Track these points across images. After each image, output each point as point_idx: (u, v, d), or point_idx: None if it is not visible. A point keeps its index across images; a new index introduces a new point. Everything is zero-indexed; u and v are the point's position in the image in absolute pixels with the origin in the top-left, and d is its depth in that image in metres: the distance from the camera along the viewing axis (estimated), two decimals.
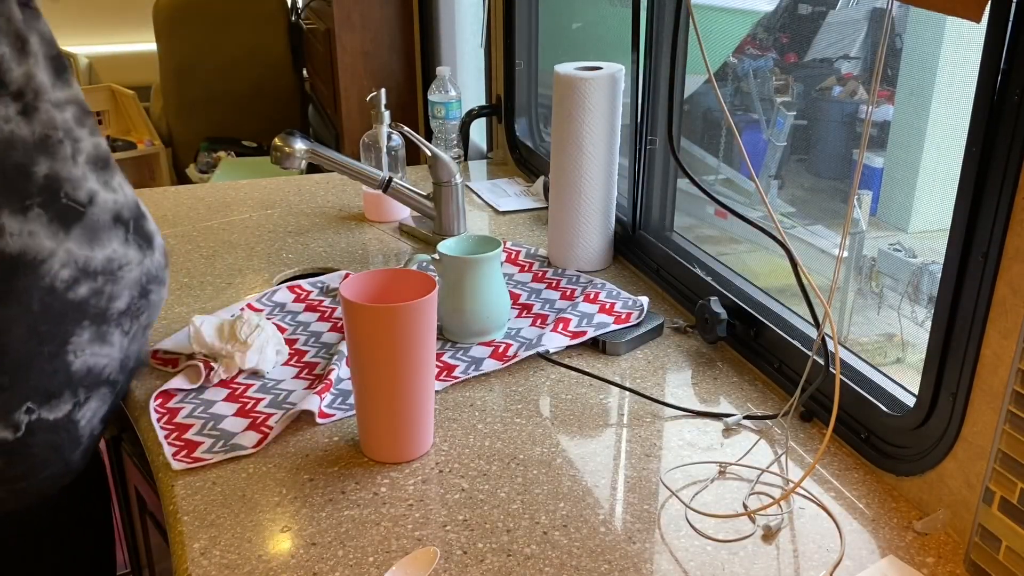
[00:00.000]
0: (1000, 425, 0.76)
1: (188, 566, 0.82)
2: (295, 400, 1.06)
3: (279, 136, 1.43)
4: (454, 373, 1.12)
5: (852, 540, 0.86)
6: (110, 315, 0.95)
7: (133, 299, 0.98)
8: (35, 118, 0.89)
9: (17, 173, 0.87)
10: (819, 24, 2.08)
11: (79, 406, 0.95)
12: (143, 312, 1.00)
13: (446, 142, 1.96)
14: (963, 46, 1.54)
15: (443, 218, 1.54)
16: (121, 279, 0.96)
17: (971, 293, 0.80)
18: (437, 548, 0.83)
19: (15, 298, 0.88)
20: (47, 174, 0.90)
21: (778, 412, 1.05)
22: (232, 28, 3.64)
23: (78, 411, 0.96)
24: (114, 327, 0.96)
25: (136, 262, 0.98)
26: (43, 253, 0.89)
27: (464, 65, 2.40)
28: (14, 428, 0.90)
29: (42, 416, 0.92)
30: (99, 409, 0.99)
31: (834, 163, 2.13)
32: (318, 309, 1.30)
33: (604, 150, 1.36)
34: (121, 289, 0.96)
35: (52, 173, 0.90)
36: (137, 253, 0.98)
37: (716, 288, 1.23)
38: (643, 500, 0.91)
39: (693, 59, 1.28)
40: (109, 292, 0.95)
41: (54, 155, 0.90)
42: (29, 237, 0.88)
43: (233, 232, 1.60)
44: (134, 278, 0.98)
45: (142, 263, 0.99)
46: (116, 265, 0.95)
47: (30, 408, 0.91)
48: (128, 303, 0.97)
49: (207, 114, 3.72)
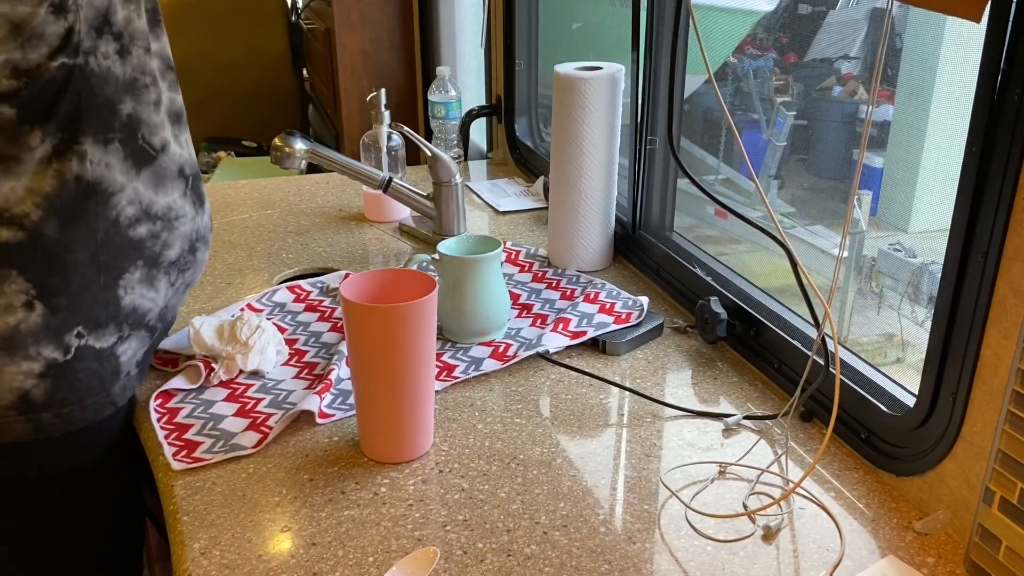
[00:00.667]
0: (1000, 425, 0.76)
1: (188, 566, 0.82)
2: (295, 400, 1.06)
3: (279, 136, 1.43)
4: (454, 373, 1.12)
5: (852, 540, 0.86)
6: (162, 261, 1.02)
7: (183, 252, 1.04)
8: (128, 60, 0.95)
9: (107, 106, 0.94)
10: (819, 24, 2.08)
11: (122, 340, 1.00)
12: (189, 268, 1.07)
13: (446, 142, 1.96)
14: (963, 46, 1.54)
15: (443, 218, 1.54)
16: (176, 229, 1.02)
17: (971, 293, 0.80)
18: (437, 548, 0.83)
19: (85, 222, 0.94)
20: (130, 113, 0.96)
21: (778, 412, 1.05)
22: (232, 28, 3.64)
23: (120, 345, 1.00)
24: (163, 274, 1.03)
25: (190, 217, 1.04)
26: (115, 186, 0.95)
27: (464, 65, 2.40)
28: (64, 350, 0.95)
29: (89, 343, 0.97)
30: (138, 350, 1.03)
31: (834, 163, 2.13)
32: (318, 309, 1.30)
33: (604, 150, 1.36)
34: (175, 239, 1.02)
35: (135, 114, 0.97)
36: (192, 209, 1.05)
37: (716, 288, 1.23)
38: (643, 500, 0.91)
39: (693, 59, 1.28)
40: (165, 239, 1.01)
41: (139, 98, 0.97)
42: (106, 168, 0.94)
43: (233, 232, 1.60)
44: (186, 232, 1.04)
45: (194, 219, 1.05)
46: (174, 215, 1.02)
47: (80, 332, 0.96)
48: (178, 254, 1.04)
49: (207, 114, 3.72)
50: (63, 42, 0.89)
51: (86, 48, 0.91)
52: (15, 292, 0.92)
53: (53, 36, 0.88)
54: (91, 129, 0.93)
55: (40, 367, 0.94)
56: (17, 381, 0.93)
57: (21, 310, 0.92)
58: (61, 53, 0.89)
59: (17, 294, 0.92)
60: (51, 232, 0.92)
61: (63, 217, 0.92)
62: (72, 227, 0.93)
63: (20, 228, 0.91)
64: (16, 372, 0.93)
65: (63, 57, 0.89)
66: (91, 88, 0.92)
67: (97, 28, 0.92)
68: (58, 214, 0.92)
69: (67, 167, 0.92)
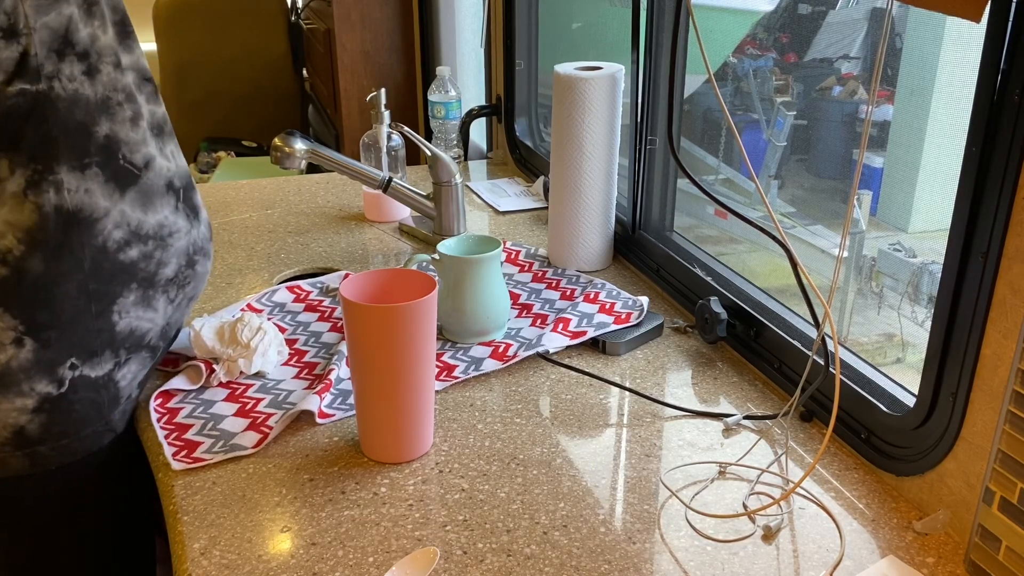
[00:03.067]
0: (1000, 425, 0.76)
1: (188, 566, 0.82)
2: (295, 400, 1.06)
3: (279, 136, 1.43)
4: (454, 373, 1.12)
5: (852, 540, 0.86)
6: (158, 281, 0.99)
7: (180, 268, 1.02)
8: (98, 79, 0.92)
9: (79, 131, 0.91)
10: (819, 24, 2.08)
11: (119, 366, 0.98)
12: (189, 282, 1.04)
13: (446, 142, 1.96)
14: (963, 46, 1.53)
15: (443, 218, 1.54)
16: (170, 246, 1.00)
17: (971, 293, 0.80)
18: (437, 548, 0.83)
19: (69, 253, 0.91)
20: (107, 134, 0.93)
21: (778, 412, 1.05)
22: (232, 28, 3.64)
23: (118, 371, 0.98)
24: (160, 293, 1.00)
25: (184, 231, 1.02)
26: (98, 212, 0.92)
27: (464, 65, 2.40)
28: (58, 383, 0.93)
29: (84, 373, 0.95)
30: (139, 372, 1.02)
31: (834, 163, 2.13)
32: (318, 309, 1.30)
33: (604, 150, 1.36)
34: (170, 256, 1.00)
35: (112, 134, 0.94)
36: (185, 222, 1.02)
37: (716, 288, 1.23)
38: (643, 500, 0.91)
39: (693, 59, 1.27)
40: (159, 258, 0.98)
41: (114, 117, 0.94)
42: (86, 195, 0.91)
43: (233, 232, 1.60)
44: (182, 247, 1.01)
45: (189, 232, 1.03)
46: (167, 232, 0.99)
47: (74, 364, 0.94)
48: (176, 271, 1.01)
49: (207, 114, 3.72)
50: (19, 67, 0.85)
51: (48, 72, 0.87)
52: (3, 329, 0.89)
53: (7, 62, 0.85)
54: (65, 156, 0.89)
55: (34, 402, 0.92)
56: (11, 417, 0.92)
57: (11, 347, 0.90)
58: (18, 79, 0.86)
59: (5, 331, 0.89)
60: (36, 266, 0.89)
61: (47, 250, 0.90)
62: (57, 259, 0.90)
63: (3, 264, 0.88)
64: (10, 409, 0.91)
65: (22, 83, 0.86)
66: (59, 114, 0.89)
67: (58, 51, 0.88)
68: (41, 248, 0.89)
69: (44, 199, 0.89)
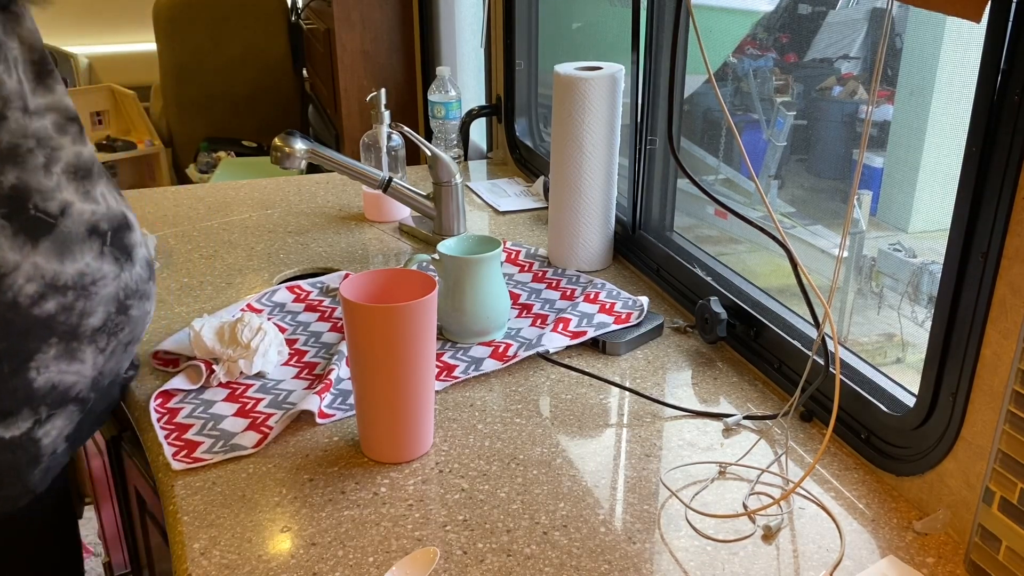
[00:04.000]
0: (1000, 425, 0.76)
1: (188, 566, 0.82)
2: (295, 400, 1.06)
3: (279, 136, 1.43)
4: (454, 373, 1.12)
5: (852, 540, 0.86)
6: (82, 332, 0.91)
7: (110, 315, 0.93)
8: (3, 127, 0.85)
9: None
10: (819, 24, 2.08)
11: (40, 424, 0.91)
12: (123, 328, 0.96)
13: (446, 142, 1.96)
14: (963, 46, 1.53)
15: (443, 218, 1.54)
16: (95, 295, 0.91)
17: (971, 293, 0.80)
18: (437, 548, 0.83)
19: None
20: (14, 184, 0.85)
21: (778, 412, 1.05)
22: (232, 28, 3.64)
23: (39, 429, 0.91)
24: (86, 344, 0.92)
25: (112, 276, 0.93)
26: (6, 266, 0.85)
27: (464, 65, 2.40)
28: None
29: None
30: (64, 427, 0.94)
31: (834, 163, 2.13)
32: (318, 309, 1.30)
33: (604, 150, 1.36)
34: (95, 305, 0.91)
35: (20, 183, 0.86)
36: (113, 267, 0.93)
37: (716, 288, 1.23)
38: (643, 500, 0.91)
39: (693, 59, 1.27)
40: (81, 308, 0.90)
41: (23, 165, 0.86)
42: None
43: (233, 232, 1.60)
44: (110, 293, 0.93)
45: (119, 277, 0.94)
46: (89, 280, 0.91)
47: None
48: (104, 319, 0.93)
49: (207, 114, 3.72)
50: None
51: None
52: None
53: None
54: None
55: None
56: None
57: None
58: None
59: None
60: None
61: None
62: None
63: None
64: None
65: None
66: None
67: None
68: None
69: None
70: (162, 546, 1.20)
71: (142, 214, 1.24)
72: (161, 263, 1.45)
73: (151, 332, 1.23)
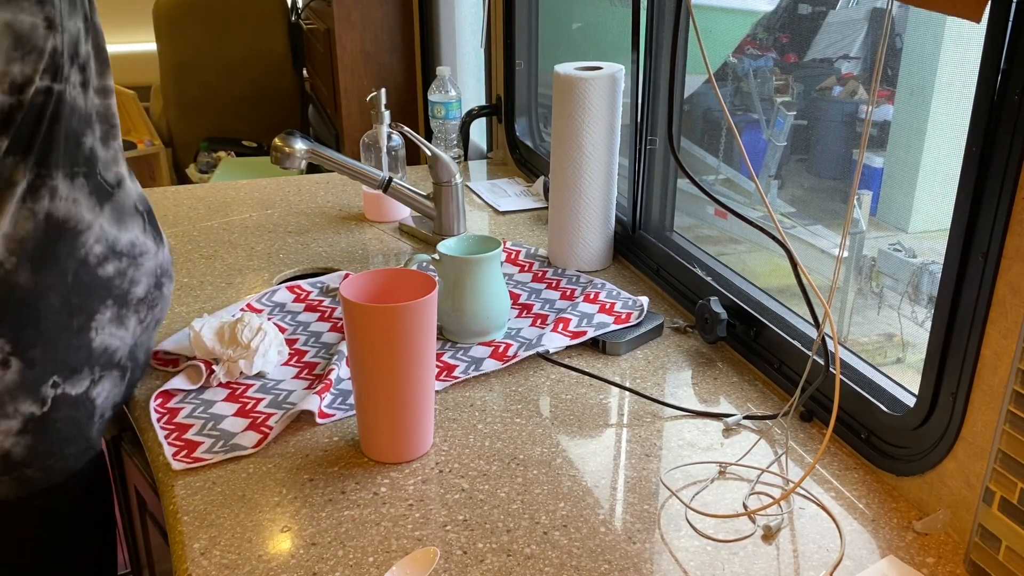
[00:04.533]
0: (1000, 425, 0.76)
1: (188, 566, 0.82)
2: (295, 400, 1.06)
3: (279, 136, 1.43)
4: (454, 373, 1.12)
5: (852, 540, 0.86)
6: (130, 299, 0.99)
7: (150, 288, 1.02)
8: (87, 94, 0.93)
9: (74, 139, 0.91)
10: (819, 24, 2.08)
11: (95, 383, 0.98)
12: (157, 304, 1.04)
13: (446, 142, 1.96)
14: (963, 46, 1.53)
15: (443, 218, 1.54)
16: (142, 265, 1.00)
17: (971, 293, 0.80)
18: (437, 548, 0.83)
19: (57, 264, 0.90)
20: (91, 147, 0.94)
21: (778, 412, 1.05)
22: (232, 28, 3.64)
23: (94, 388, 0.98)
24: (132, 312, 1.00)
25: (152, 252, 1.02)
26: (83, 224, 0.92)
27: (464, 65, 2.40)
28: (41, 402, 0.92)
29: (66, 391, 0.94)
30: (111, 391, 1.01)
31: (834, 163, 2.13)
32: (318, 309, 1.30)
33: (604, 150, 1.36)
34: (141, 275, 1.00)
35: (94, 149, 0.94)
36: (154, 244, 1.03)
37: (716, 288, 1.23)
38: (643, 500, 0.91)
39: (693, 59, 1.27)
40: (131, 276, 0.98)
41: (95, 133, 0.95)
42: (74, 205, 0.91)
43: (233, 232, 1.60)
44: (151, 267, 1.01)
45: (157, 254, 1.03)
46: (138, 251, 0.99)
47: (56, 382, 0.93)
48: (146, 291, 1.01)
49: (207, 114, 3.72)
50: (51, 61, 0.85)
51: (65, 74, 0.87)
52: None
53: (46, 53, 0.85)
54: (62, 162, 0.89)
55: (19, 424, 0.91)
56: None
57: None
58: (47, 74, 0.85)
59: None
60: (24, 279, 0.88)
61: (35, 261, 0.88)
62: (44, 270, 0.89)
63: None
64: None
65: (48, 79, 0.86)
66: (62, 118, 0.88)
67: (71, 55, 0.88)
68: (30, 258, 0.88)
69: (39, 206, 0.88)
70: (162, 546, 1.20)
71: None
72: None
73: None
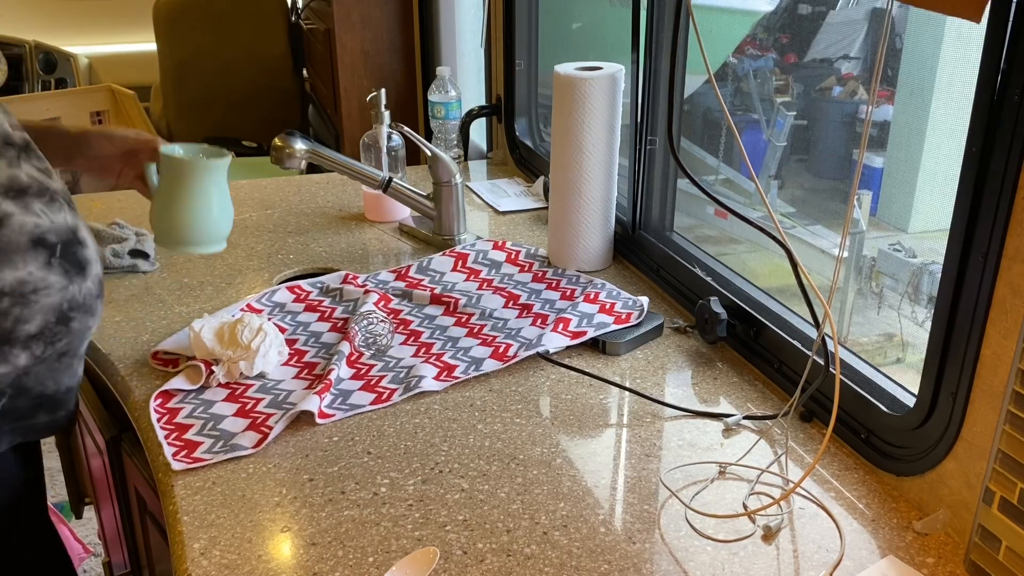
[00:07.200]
0: (1000, 425, 0.76)
1: (188, 566, 0.82)
2: (295, 400, 1.06)
3: (279, 136, 1.43)
4: (454, 373, 1.12)
5: (852, 540, 0.86)
6: (16, 336, 0.93)
7: (48, 324, 0.95)
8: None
9: None
10: (819, 24, 2.08)
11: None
12: (61, 339, 0.97)
13: (446, 142, 1.96)
14: (963, 46, 1.53)
15: (443, 218, 1.54)
16: (35, 303, 0.93)
17: (971, 293, 0.80)
18: (437, 548, 0.83)
19: None
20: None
21: (778, 412, 1.05)
22: (232, 28, 3.64)
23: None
24: (20, 349, 0.94)
25: (58, 287, 0.95)
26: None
27: (464, 65, 2.40)
28: None
29: None
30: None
31: (834, 163, 2.13)
32: (318, 309, 1.30)
33: (604, 150, 1.36)
34: (33, 313, 0.93)
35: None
36: (61, 278, 0.95)
37: (716, 288, 1.23)
38: (643, 500, 0.91)
39: (693, 59, 1.28)
40: (16, 315, 0.92)
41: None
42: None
43: (233, 232, 1.59)
44: (52, 303, 0.95)
45: (66, 289, 0.96)
46: (30, 288, 0.93)
47: None
48: (41, 327, 0.94)
49: (207, 114, 3.71)
50: None
51: None
52: None
53: None
54: None
55: None
56: None
57: None
58: None
59: None
60: None
61: None
62: None
63: None
64: None
65: None
66: None
67: None
68: None
69: None
70: (162, 546, 1.20)
71: (143, 214, 1.24)
72: (160, 263, 1.45)
73: (151, 332, 1.23)
